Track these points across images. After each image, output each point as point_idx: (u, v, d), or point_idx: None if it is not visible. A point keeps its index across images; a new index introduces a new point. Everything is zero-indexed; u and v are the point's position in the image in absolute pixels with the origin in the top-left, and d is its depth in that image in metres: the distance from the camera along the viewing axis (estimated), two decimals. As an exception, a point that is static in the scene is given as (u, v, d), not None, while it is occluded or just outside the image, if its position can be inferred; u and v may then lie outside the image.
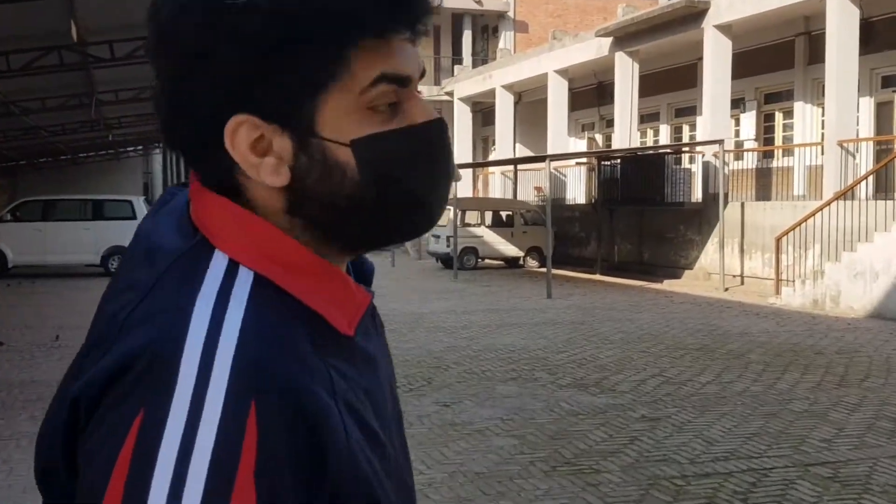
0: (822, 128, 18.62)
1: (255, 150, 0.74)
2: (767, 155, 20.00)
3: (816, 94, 18.71)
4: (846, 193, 14.06)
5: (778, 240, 14.82)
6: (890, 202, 13.31)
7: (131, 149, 25.15)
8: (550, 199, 16.66)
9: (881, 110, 17.13)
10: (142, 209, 19.65)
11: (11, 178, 25.40)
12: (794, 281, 14.57)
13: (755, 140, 19.92)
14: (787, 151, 19.12)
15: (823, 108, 18.54)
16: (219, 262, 0.74)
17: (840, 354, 9.70)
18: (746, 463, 5.67)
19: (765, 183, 19.48)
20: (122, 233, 20.23)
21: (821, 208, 14.04)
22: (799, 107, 18.91)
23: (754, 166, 19.49)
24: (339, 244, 0.80)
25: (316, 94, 0.74)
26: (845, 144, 15.24)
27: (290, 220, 0.77)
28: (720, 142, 16.91)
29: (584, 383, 8.17)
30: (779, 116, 19.90)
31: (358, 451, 0.72)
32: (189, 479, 0.64)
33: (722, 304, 14.54)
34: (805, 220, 14.29)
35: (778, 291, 14.62)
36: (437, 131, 0.79)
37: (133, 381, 0.67)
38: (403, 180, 0.77)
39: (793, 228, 14.57)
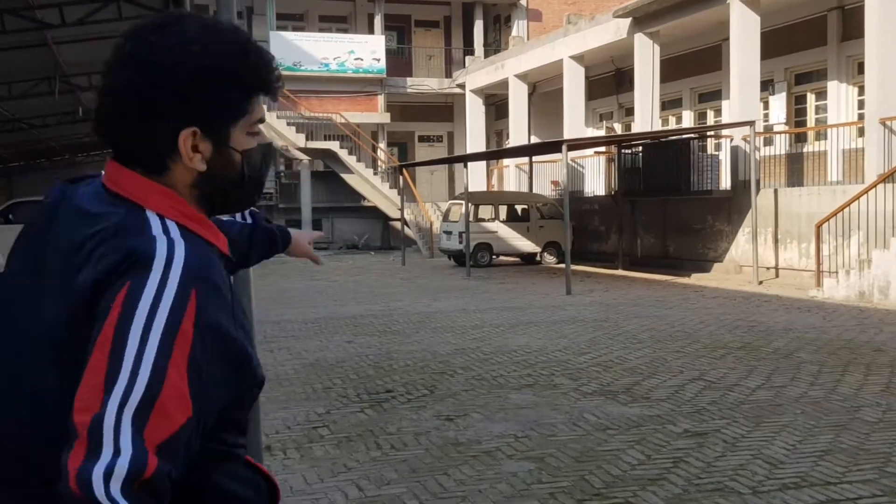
0: (860, 108, 17.39)
1: (192, 148, 1.32)
2: (799, 139, 18.74)
3: (852, 72, 17.45)
4: (891, 175, 12.81)
5: (818, 227, 13.58)
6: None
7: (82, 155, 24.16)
8: (568, 191, 15.49)
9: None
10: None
11: (7, 179, 24.61)
12: (836, 272, 13.34)
13: (785, 124, 18.66)
14: (821, 135, 17.85)
15: (860, 87, 17.33)
16: (153, 215, 1.29)
17: (904, 352, 8.49)
18: (824, 492, 4.50)
19: (796, 169, 18.23)
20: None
21: (865, 191, 12.80)
22: (833, 86, 17.63)
23: (784, 152, 18.25)
24: (211, 209, 1.40)
25: (233, 124, 1.36)
26: (888, 122, 13.98)
27: (190, 192, 1.35)
28: (751, 123, 15.68)
29: (613, 390, 7.01)
30: (811, 98, 18.63)
31: (241, 317, 1.32)
32: (154, 323, 1.17)
33: (758, 297, 13.32)
34: (847, 205, 13.05)
35: (819, 283, 13.38)
36: (272, 147, 1.50)
37: (126, 268, 1.20)
38: (257, 173, 1.43)
39: (834, 215, 13.33)
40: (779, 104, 18.87)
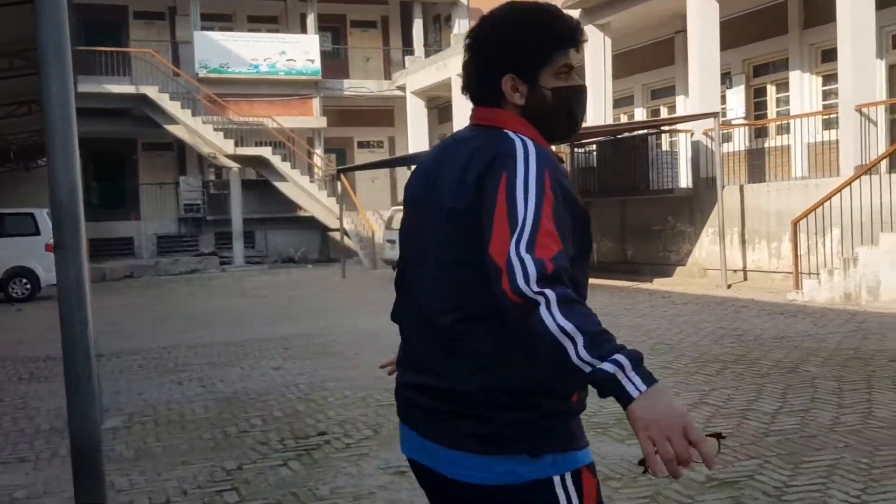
0: (824, 98, 16.46)
1: (513, 89, 1.80)
2: (759, 134, 17.77)
3: (816, 60, 16.53)
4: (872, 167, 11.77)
5: (795, 224, 12.47)
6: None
7: (42, 161, 22.32)
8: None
9: (894, 74, 14.95)
10: (46, 223, 16.72)
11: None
12: (817, 272, 12.24)
13: (745, 118, 17.67)
14: (783, 128, 16.89)
15: (825, 76, 16.42)
16: (510, 132, 1.76)
17: (925, 361, 7.31)
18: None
19: (758, 166, 17.24)
20: (24, 251, 17.36)
21: (847, 184, 11.72)
22: (795, 76, 16.68)
23: (744, 148, 17.23)
24: (541, 135, 1.82)
25: (542, 68, 1.80)
26: (865, 110, 12.98)
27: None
28: (715, 115, 14.56)
29: (601, 422, 5.64)
30: (771, 90, 17.67)
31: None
32: (528, 191, 1.61)
33: (732, 302, 12.14)
34: (828, 198, 11.95)
35: (798, 285, 12.26)
36: (582, 88, 1.85)
37: (500, 162, 1.67)
38: (567, 107, 1.84)
39: (812, 210, 12.23)
40: (737, 98, 17.89)
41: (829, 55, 16.20)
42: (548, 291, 1.49)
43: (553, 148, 1.81)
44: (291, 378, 7.71)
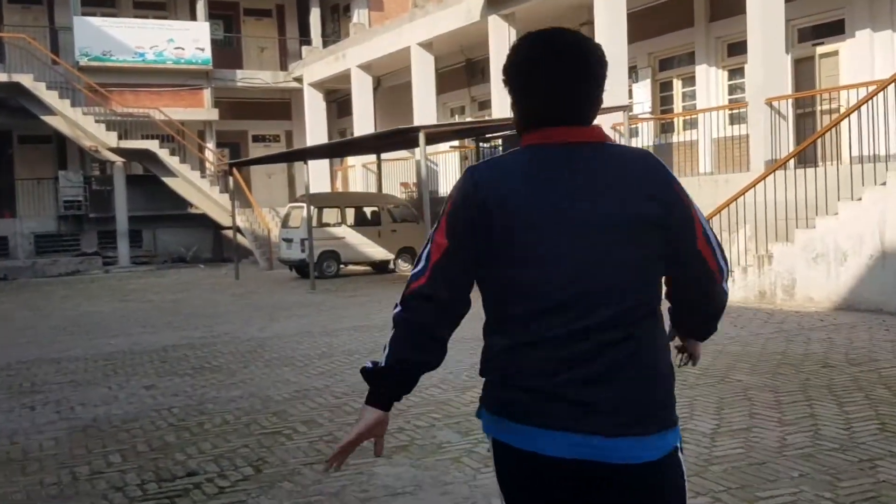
0: (730, 93, 16.25)
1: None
2: (665, 129, 17.48)
3: (722, 54, 16.29)
4: (784, 162, 11.45)
5: (708, 220, 12.06)
6: (849, 167, 10.79)
7: None
8: (427, 187, 13.41)
9: (800, 67, 14.80)
10: None
11: None
12: (732, 270, 11.87)
13: (651, 113, 17.35)
14: (690, 124, 16.63)
15: (731, 70, 16.21)
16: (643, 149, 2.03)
17: (858, 366, 6.84)
18: None
19: (665, 161, 16.87)
20: None
21: (762, 179, 11.34)
22: (701, 71, 16.42)
23: (651, 143, 16.87)
24: None
25: None
26: (775, 104, 12.71)
27: None
28: (625, 108, 14.12)
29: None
30: (677, 84, 17.39)
31: None
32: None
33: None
34: (741, 194, 11.55)
35: (712, 283, 11.86)
36: None
37: (673, 181, 1.96)
38: None
39: (725, 206, 11.83)
40: (643, 92, 17.56)
41: (735, 49, 16.01)
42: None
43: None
44: (165, 399, 6.71)
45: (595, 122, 1.93)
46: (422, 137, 12.47)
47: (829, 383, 6.26)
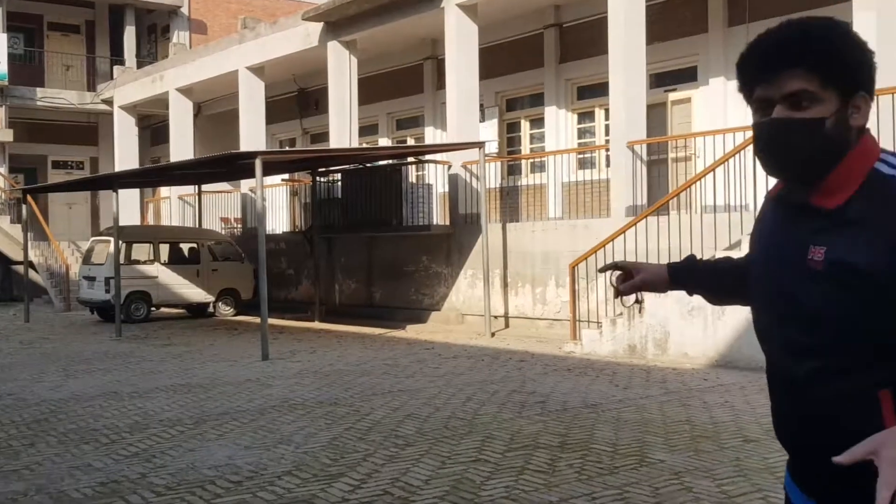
0: (579, 137, 15.75)
1: None
2: (512, 171, 16.75)
3: (571, 97, 15.78)
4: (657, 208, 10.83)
5: (573, 268, 11.22)
6: (712, 216, 10.25)
7: None
8: (263, 221, 11.78)
9: (651, 113, 14.44)
10: None
11: None
12: (589, 321, 11.06)
13: (497, 154, 16.57)
14: (539, 167, 15.98)
15: (580, 113, 15.72)
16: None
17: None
18: None
19: (511, 205, 16.14)
20: None
21: (632, 224, 10.63)
22: (551, 112, 15.84)
23: (498, 185, 16.02)
24: None
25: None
26: (636, 147, 12.14)
27: None
28: (481, 145, 13.17)
29: None
30: (525, 125, 16.75)
31: None
32: None
33: (507, 356, 10.58)
34: (609, 241, 10.78)
35: (576, 336, 10.99)
36: (755, 125, 1.68)
37: None
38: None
39: (592, 253, 11.03)
40: (490, 132, 16.77)
41: (585, 92, 15.57)
42: None
43: None
44: None
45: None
46: (258, 165, 10.90)
47: (766, 465, 5.30)
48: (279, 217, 19.25)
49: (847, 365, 1.54)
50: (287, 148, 21.52)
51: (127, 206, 21.11)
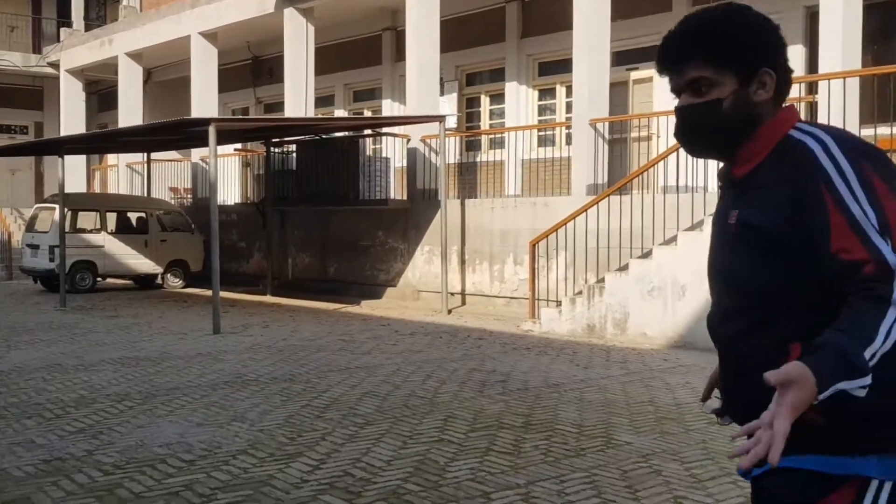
0: (540, 113, 15.61)
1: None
2: (471, 147, 16.56)
3: (533, 73, 15.61)
4: (619, 187, 10.74)
5: (533, 245, 11.09)
6: (674, 196, 10.18)
7: None
8: (214, 192, 11.42)
9: (612, 91, 14.34)
10: None
11: None
12: (548, 299, 10.97)
13: (456, 128, 16.35)
14: (498, 143, 15.81)
15: (541, 90, 15.57)
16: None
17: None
18: None
19: (469, 181, 15.98)
20: None
21: (595, 203, 10.52)
22: (512, 88, 15.65)
23: (456, 160, 15.81)
24: None
25: None
26: (597, 125, 12.03)
27: None
28: (441, 118, 12.93)
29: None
30: (485, 100, 16.55)
31: None
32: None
33: (465, 333, 10.44)
34: (570, 219, 10.67)
35: (534, 314, 10.88)
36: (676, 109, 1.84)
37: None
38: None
39: (553, 231, 10.91)
40: (450, 106, 16.54)
41: (547, 68, 15.40)
42: None
43: None
44: None
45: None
46: (212, 132, 10.53)
47: (706, 438, 5.23)
48: (231, 188, 18.83)
49: (762, 321, 1.66)
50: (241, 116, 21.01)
51: (73, 173, 20.44)
